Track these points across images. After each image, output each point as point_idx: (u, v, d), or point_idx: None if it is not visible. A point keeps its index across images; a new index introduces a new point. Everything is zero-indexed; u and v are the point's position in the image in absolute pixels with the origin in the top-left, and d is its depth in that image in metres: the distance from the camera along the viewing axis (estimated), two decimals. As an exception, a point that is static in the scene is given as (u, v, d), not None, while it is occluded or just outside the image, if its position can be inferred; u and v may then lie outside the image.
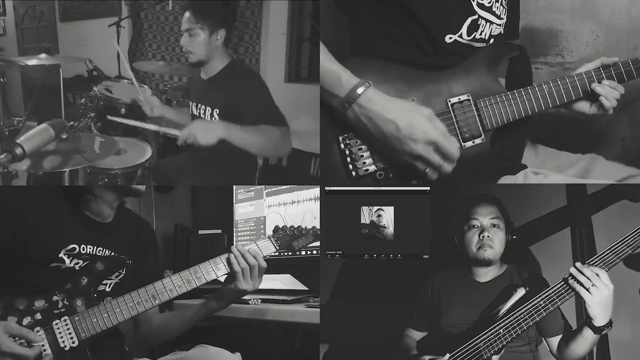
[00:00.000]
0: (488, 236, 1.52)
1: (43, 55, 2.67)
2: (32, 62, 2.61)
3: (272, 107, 1.96)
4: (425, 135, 1.30)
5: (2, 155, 1.33)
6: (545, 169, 1.54)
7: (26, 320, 1.22)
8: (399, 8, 1.42)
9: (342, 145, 1.40)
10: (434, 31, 1.42)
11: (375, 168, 1.39)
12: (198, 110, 2.13)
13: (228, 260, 1.41)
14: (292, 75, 3.69)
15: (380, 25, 1.46)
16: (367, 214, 1.91)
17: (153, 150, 2.30)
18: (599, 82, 1.43)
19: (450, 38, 1.43)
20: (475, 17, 1.44)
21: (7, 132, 2.43)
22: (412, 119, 1.31)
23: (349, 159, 1.40)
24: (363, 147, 1.39)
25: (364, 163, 1.39)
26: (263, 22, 3.64)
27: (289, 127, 1.90)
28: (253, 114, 1.88)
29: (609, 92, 1.42)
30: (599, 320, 1.29)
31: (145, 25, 4.11)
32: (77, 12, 4.68)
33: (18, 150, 1.34)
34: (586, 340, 1.33)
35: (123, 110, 2.59)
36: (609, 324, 1.30)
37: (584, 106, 1.48)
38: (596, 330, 1.30)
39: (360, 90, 1.33)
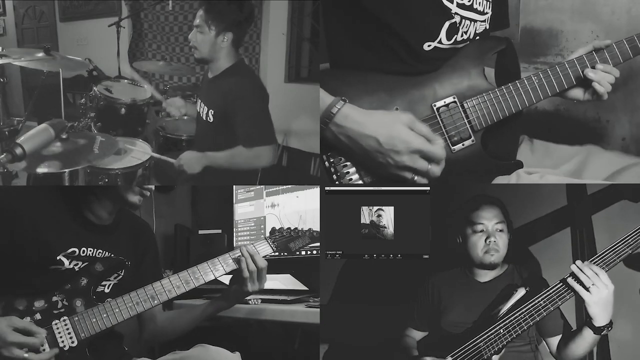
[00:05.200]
0: (494, 241, 1.52)
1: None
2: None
3: (256, 125, 1.99)
4: (407, 145, 1.28)
5: (2, 155, 1.33)
6: (542, 165, 1.51)
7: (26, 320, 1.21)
8: (373, 21, 1.37)
9: (327, 164, 1.38)
10: (410, 41, 1.37)
11: (363, 183, 1.37)
12: (201, 109, 2.13)
13: (238, 262, 1.42)
14: (292, 75, 3.69)
15: (356, 38, 1.41)
16: (367, 214, 1.91)
17: (153, 150, 2.30)
18: (592, 67, 1.38)
19: (429, 45, 1.39)
20: (453, 20, 1.39)
21: (7, 132, 2.43)
22: (391, 130, 1.28)
23: (335, 177, 1.38)
24: (348, 163, 1.37)
25: (350, 180, 1.37)
26: (263, 22, 3.64)
27: (272, 144, 2.03)
28: (239, 128, 1.96)
29: (602, 77, 1.37)
30: (599, 320, 1.28)
31: (145, 25, 4.10)
32: (77, 12, 4.68)
33: (18, 150, 1.33)
34: (585, 340, 1.33)
35: (123, 110, 2.59)
36: (610, 324, 1.30)
37: (578, 93, 1.43)
38: (596, 330, 1.30)
39: (334, 110, 1.29)
